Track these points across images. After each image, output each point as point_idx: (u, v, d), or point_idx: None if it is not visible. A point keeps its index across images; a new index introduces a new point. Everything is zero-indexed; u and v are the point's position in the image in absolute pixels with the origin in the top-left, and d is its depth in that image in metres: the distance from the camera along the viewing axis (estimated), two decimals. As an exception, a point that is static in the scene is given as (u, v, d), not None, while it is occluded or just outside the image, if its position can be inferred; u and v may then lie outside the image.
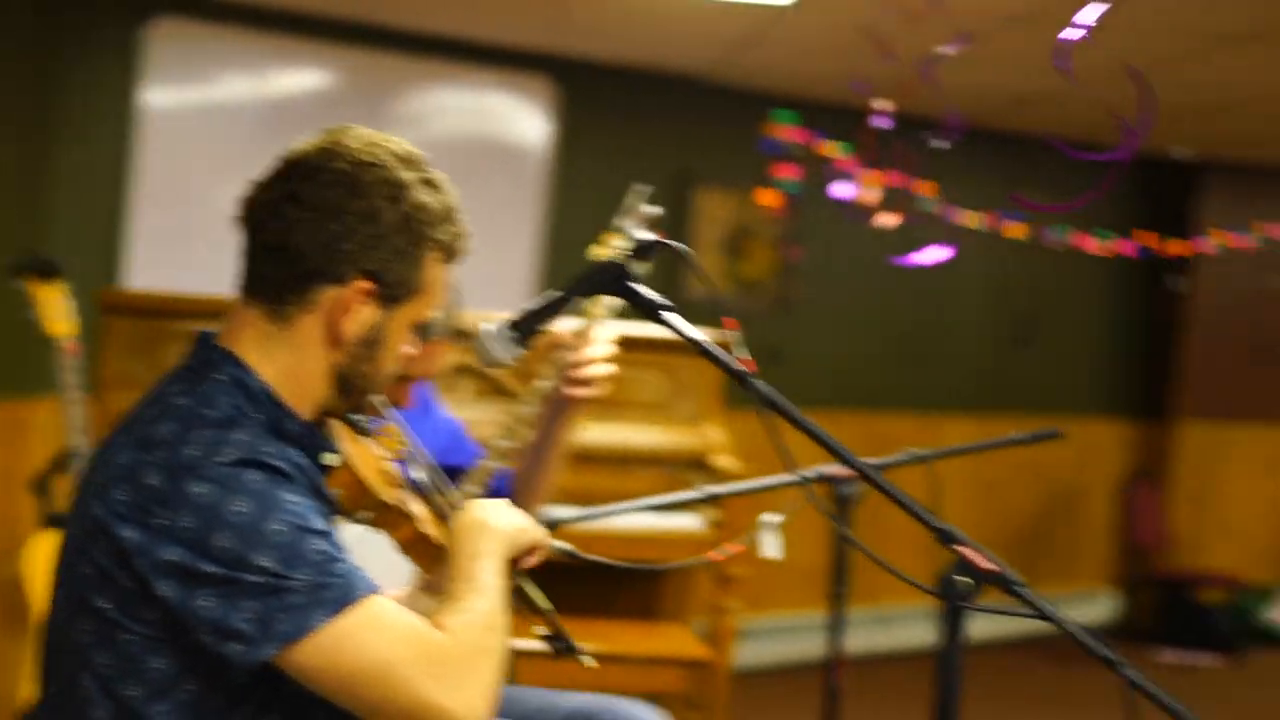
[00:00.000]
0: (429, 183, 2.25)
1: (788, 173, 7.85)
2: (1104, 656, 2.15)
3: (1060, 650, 9.01)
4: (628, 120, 8.06)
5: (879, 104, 5.06)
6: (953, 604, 2.23)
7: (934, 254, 5.28)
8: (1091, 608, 9.98)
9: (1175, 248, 9.26)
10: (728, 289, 8.34)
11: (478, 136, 7.48)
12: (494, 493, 3.20)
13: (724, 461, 5.24)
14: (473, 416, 4.78)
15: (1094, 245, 9.02)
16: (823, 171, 7.85)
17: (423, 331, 2.33)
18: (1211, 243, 9.38)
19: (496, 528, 2.34)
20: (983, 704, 7.29)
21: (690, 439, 5.37)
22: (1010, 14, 6.02)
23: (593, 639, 4.65)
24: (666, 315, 2.32)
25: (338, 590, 2.07)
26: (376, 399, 2.34)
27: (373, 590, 2.11)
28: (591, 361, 3.24)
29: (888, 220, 5.70)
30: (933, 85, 4.75)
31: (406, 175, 2.22)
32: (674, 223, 8.15)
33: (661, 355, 5.44)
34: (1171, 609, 9.66)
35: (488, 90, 7.60)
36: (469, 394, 5.20)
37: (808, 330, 8.67)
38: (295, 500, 2.11)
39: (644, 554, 4.76)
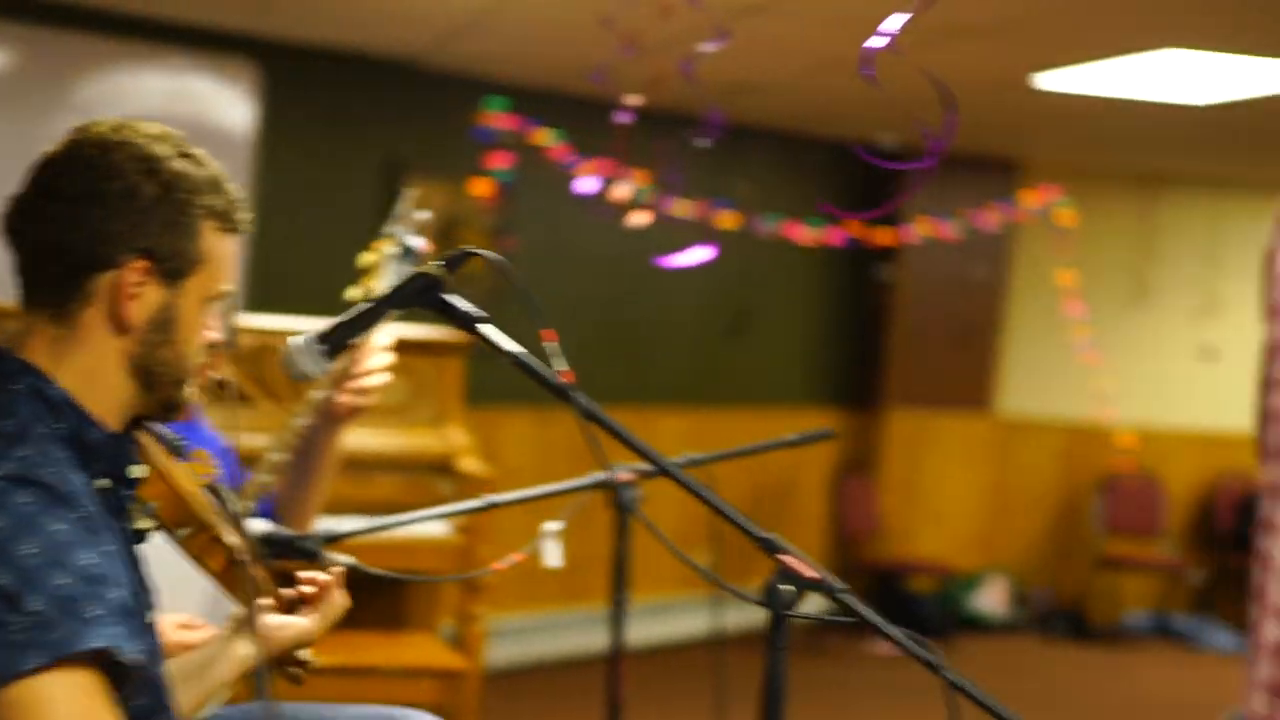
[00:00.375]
0: (186, 155, 2.21)
1: (500, 161, 7.63)
2: (926, 660, 2.17)
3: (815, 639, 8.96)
4: (335, 106, 7.75)
5: (620, 97, 4.88)
6: (778, 612, 2.22)
7: (694, 255, 5.17)
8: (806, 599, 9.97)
9: (882, 237, 9.31)
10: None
11: (175, 121, 7.03)
12: (260, 515, 2.99)
13: (469, 465, 5.02)
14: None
15: (804, 235, 9.01)
16: (536, 159, 7.65)
17: (225, 319, 2.26)
18: (917, 231, 9.47)
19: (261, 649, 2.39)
20: (654, 700, 7.21)
21: (432, 442, 5.12)
22: (742, 6, 5.89)
23: (340, 653, 4.39)
24: (483, 329, 2.29)
25: (63, 633, 1.89)
26: (188, 390, 2.24)
27: (112, 646, 1.93)
28: (369, 372, 3.13)
29: (640, 219, 5.54)
30: (692, 81, 4.63)
31: (160, 149, 2.18)
32: (383, 212, 7.84)
33: (400, 356, 5.15)
34: (883, 598, 9.72)
35: (186, 73, 7.19)
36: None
37: (521, 322, 8.44)
38: (61, 528, 1.97)
39: (393, 562, 4.48)
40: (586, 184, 6.55)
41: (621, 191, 7.37)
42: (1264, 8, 5.57)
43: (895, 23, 2.89)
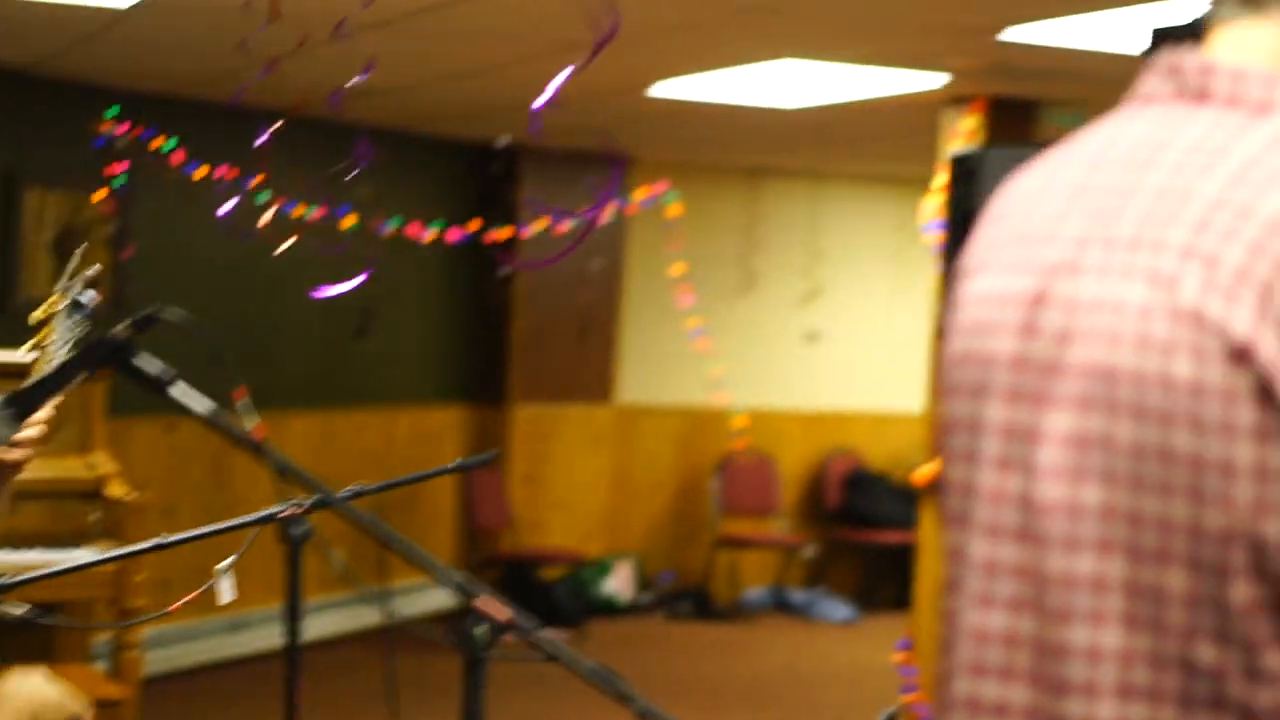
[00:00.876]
0: None
1: (118, 169, 7.51)
2: (618, 693, 2.21)
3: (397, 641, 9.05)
4: (-56, 116, 7.50)
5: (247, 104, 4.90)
6: (473, 655, 2.25)
7: (352, 281, 5.20)
8: (440, 595, 10.09)
9: (501, 233, 9.48)
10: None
11: None
12: None
13: (117, 490, 4.95)
14: None
15: (426, 234, 9.11)
16: (154, 166, 7.55)
17: None
18: (534, 228, 9.66)
19: None
20: (322, 702, 7.24)
21: (79, 469, 5.04)
22: (369, 20, 5.96)
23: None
24: (173, 390, 2.24)
25: None
26: None
27: None
28: (35, 423, 2.99)
29: (266, 224, 5.53)
30: (338, 109, 4.68)
31: None
32: (1, 227, 7.65)
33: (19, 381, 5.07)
34: (516, 589, 9.89)
35: None
36: None
37: (150, 333, 8.31)
38: None
39: (42, 593, 4.43)
40: (222, 198, 6.51)
41: (243, 196, 7.34)
42: (857, 25, 5.94)
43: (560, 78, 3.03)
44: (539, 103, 3.33)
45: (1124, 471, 1.28)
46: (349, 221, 8.40)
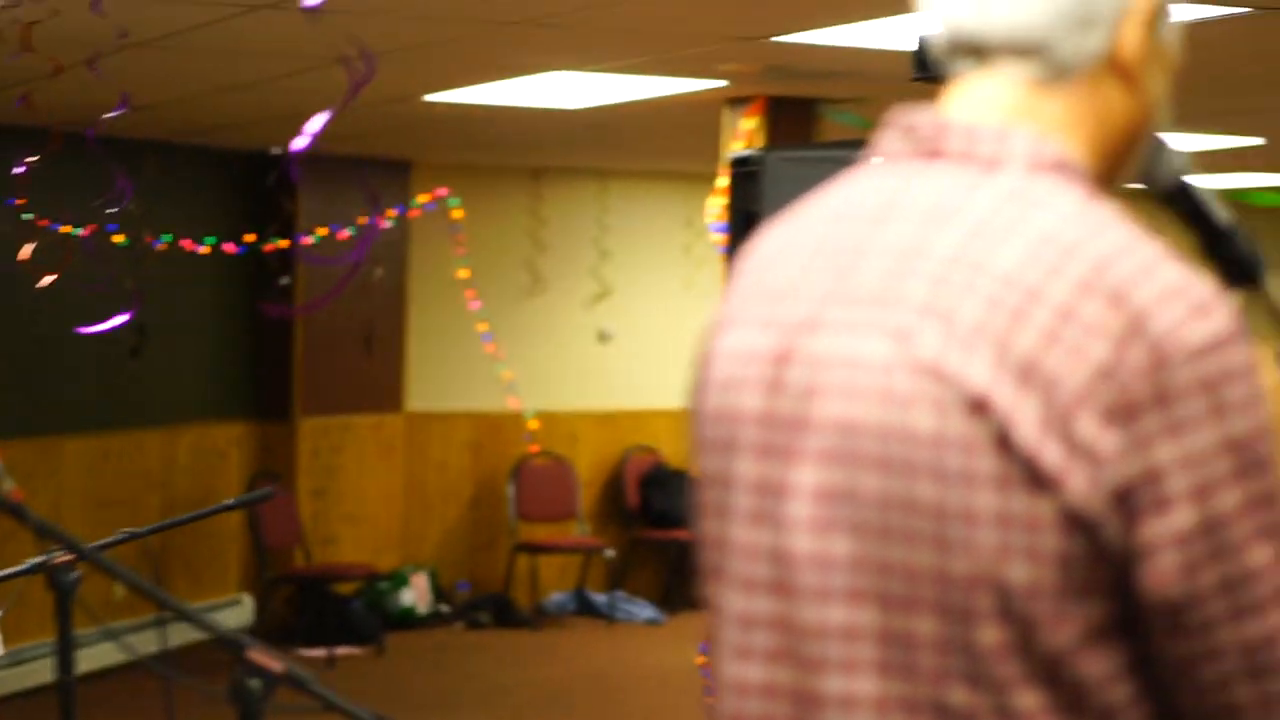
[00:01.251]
0: None
1: None
2: None
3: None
4: None
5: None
6: (247, 709, 2.22)
7: (117, 319, 5.03)
8: (234, 614, 9.84)
9: (279, 245, 9.26)
10: None
11: None
12: None
13: None
14: None
15: (200, 247, 8.86)
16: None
17: None
18: (312, 238, 9.46)
19: None
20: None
21: None
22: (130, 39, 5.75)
23: None
24: None
25: None
26: None
27: None
28: None
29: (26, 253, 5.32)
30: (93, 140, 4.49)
31: None
32: None
33: None
34: (311, 606, 9.69)
35: None
36: None
37: None
38: None
39: None
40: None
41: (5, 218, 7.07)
42: (627, 36, 5.89)
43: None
44: (299, 144, 3.22)
45: (871, 522, 1.31)
46: (119, 239, 8.13)
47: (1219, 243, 1.60)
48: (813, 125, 6.88)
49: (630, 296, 11.08)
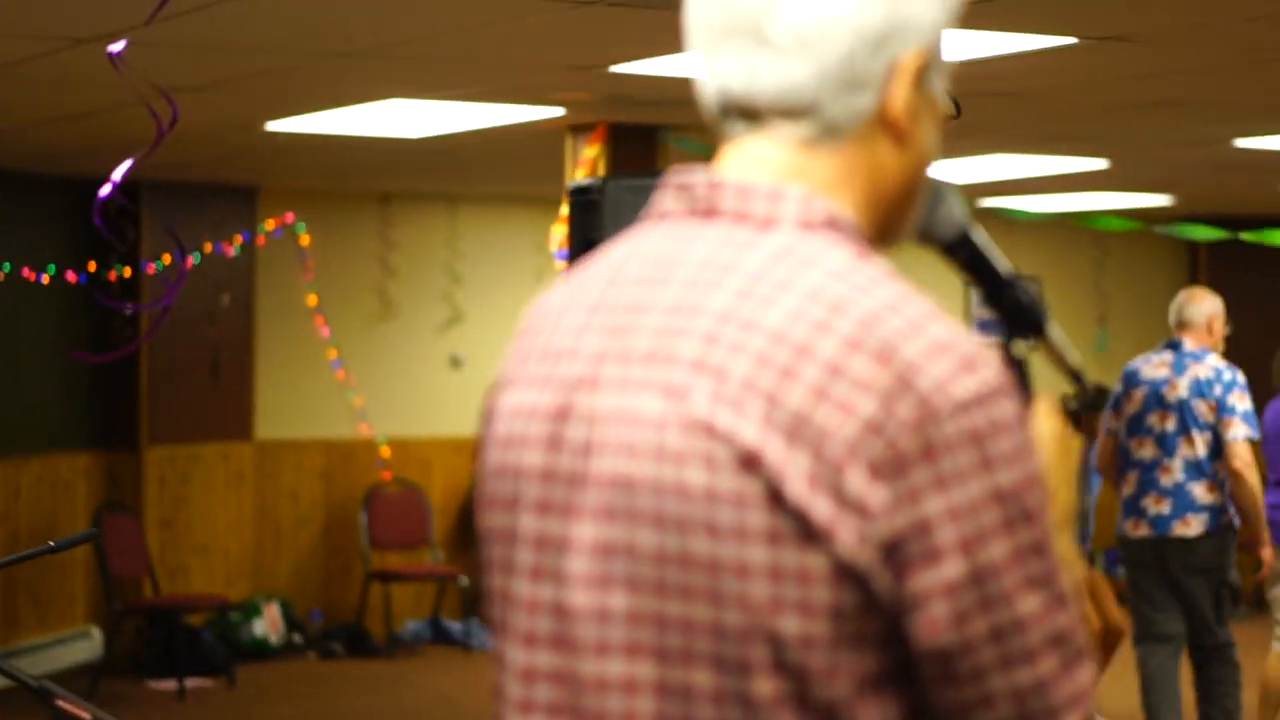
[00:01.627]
0: None
1: None
2: None
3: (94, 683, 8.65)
4: None
5: None
6: None
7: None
8: (83, 647, 9.67)
9: (121, 272, 9.14)
10: None
11: None
12: None
13: None
14: None
15: (41, 276, 8.72)
16: None
17: None
18: (156, 265, 9.35)
19: None
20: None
21: None
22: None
23: None
24: None
25: None
26: None
27: None
28: None
29: None
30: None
31: None
32: None
33: None
34: (160, 637, 9.54)
35: None
36: None
37: None
38: None
39: None
40: None
41: None
42: (464, 66, 5.88)
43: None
44: (105, 191, 3.20)
45: (648, 577, 1.33)
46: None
47: (1001, 292, 1.61)
48: (655, 152, 6.91)
49: (482, 321, 11.04)
